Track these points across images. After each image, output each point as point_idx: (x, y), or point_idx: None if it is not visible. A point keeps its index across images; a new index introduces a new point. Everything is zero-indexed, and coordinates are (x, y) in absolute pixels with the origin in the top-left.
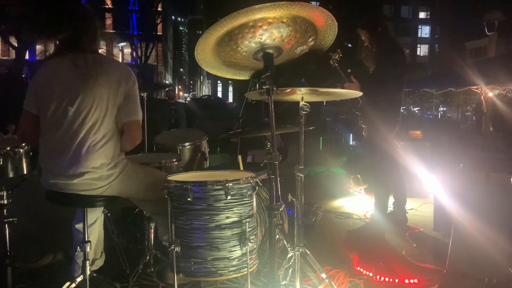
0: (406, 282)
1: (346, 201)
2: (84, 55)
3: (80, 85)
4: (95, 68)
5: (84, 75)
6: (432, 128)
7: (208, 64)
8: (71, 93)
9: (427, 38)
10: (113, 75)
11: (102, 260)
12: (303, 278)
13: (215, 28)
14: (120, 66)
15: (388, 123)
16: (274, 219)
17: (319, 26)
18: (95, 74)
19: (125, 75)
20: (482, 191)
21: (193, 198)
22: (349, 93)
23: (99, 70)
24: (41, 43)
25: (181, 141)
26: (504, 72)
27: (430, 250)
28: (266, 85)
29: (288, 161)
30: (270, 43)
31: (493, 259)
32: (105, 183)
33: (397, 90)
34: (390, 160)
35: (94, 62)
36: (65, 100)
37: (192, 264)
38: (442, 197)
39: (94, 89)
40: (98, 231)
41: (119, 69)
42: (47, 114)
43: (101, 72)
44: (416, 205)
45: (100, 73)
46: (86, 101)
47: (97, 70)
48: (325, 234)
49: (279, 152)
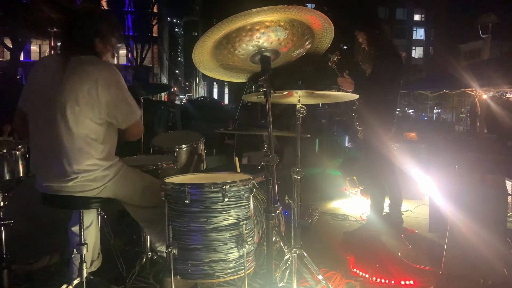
0: (402, 284)
1: (342, 203)
2: (73, 56)
3: (65, 86)
4: (79, 69)
5: (67, 77)
6: (427, 130)
7: (205, 66)
8: (56, 94)
9: (422, 41)
10: (95, 78)
11: (100, 261)
12: (300, 280)
13: (213, 31)
14: (105, 68)
15: (384, 125)
16: (271, 221)
17: (316, 29)
18: (78, 75)
19: (108, 79)
20: (477, 193)
21: (191, 200)
22: (346, 95)
23: (82, 72)
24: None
25: (178, 143)
26: (498, 74)
27: (425, 252)
28: (264, 88)
29: (284, 163)
30: (268, 46)
31: (488, 260)
32: (100, 184)
33: (393, 92)
34: (386, 162)
35: (80, 64)
36: (51, 100)
37: (189, 266)
38: (437, 199)
39: (76, 91)
40: (94, 233)
41: (102, 71)
42: (34, 114)
43: (84, 74)
44: (411, 206)
45: (82, 75)
46: (70, 103)
47: (80, 72)
48: (322, 236)
49: (275, 154)
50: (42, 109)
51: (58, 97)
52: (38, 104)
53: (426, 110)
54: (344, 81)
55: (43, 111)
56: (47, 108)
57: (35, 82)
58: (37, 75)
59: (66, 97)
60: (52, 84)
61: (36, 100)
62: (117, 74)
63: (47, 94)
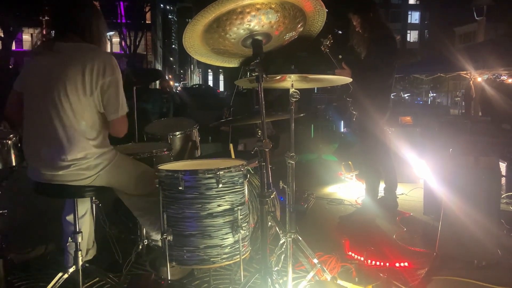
0: (397, 266)
1: (338, 188)
2: (66, 43)
3: (60, 72)
4: (75, 56)
5: (63, 62)
6: (422, 114)
7: (196, 51)
8: (51, 80)
9: (417, 24)
10: (87, 65)
11: (95, 249)
12: (296, 264)
13: (202, 14)
14: (102, 56)
15: (379, 109)
16: (266, 206)
17: (307, 11)
18: (72, 62)
19: (104, 66)
20: (471, 175)
21: (185, 187)
22: (339, 79)
23: (75, 58)
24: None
25: (171, 130)
26: (493, 57)
27: (420, 234)
28: (256, 72)
29: (279, 149)
30: (259, 30)
31: (481, 241)
32: (93, 173)
33: (388, 76)
34: (381, 146)
35: (75, 50)
36: (45, 87)
37: (185, 252)
38: (432, 182)
39: (70, 78)
40: (89, 222)
41: (99, 58)
42: (28, 100)
43: (76, 61)
44: (406, 190)
45: (75, 62)
46: (62, 90)
47: (77, 58)
48: (317, 220)
49: (270, 140)
50: (36, 95)
51: (52, 83)
52: (33, 90)
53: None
54: (342, 72)
55: (37, 97)
56: (42, 94)
57: (31, 67)
58: (34, 62)
59: (61, 84)
60: (47, 70)
61: (32, 85)
62: (114, 63)
63: (42, 80)
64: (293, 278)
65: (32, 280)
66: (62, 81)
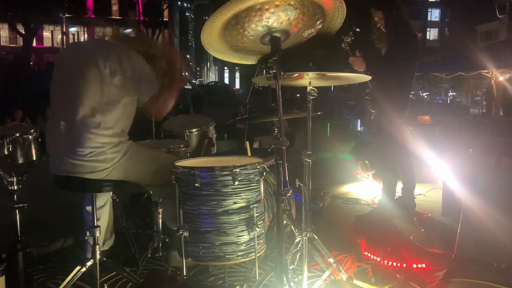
0: (414, 267)
1: (354, 187)
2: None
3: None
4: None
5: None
6: (441, 113)
7: (214, 48)
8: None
9: (437, 22)
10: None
11: (112, 240)
12: (311, 263)
13: (221, 11)
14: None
15: (398, 108)
16: (282, 205)
17: (327, 8)
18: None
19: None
20: (492, 176)
21: (201, 183)
22: (358, 77)
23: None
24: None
25: (188, 127)
26: None
27: (438, 235)
28: (274, 69)
29: (295, 148)
30: (277, 27)
31: (502, 243)
32: (109, 165)
33: (408, 73)
34: (399, 145)
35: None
36: (63, 80)
37: (200, 248)
38: (451, 182)
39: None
40: (108, 213)
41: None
42: (52, 92)
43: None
44: (424, 190)
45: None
46: (81, 81)
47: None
48: (333, 220)
49: (286, 138)
50: (60, 86)
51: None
52: (57, 82)
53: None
54: (356, 60)
55: (62, 88)
56: (67, 84)
57: (61, 61)
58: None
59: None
60: (72, 63)
61: (57, 78)
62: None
63: (67, 71)
64: (309, 277)
65: (50, 273)
66: (77, 73)
